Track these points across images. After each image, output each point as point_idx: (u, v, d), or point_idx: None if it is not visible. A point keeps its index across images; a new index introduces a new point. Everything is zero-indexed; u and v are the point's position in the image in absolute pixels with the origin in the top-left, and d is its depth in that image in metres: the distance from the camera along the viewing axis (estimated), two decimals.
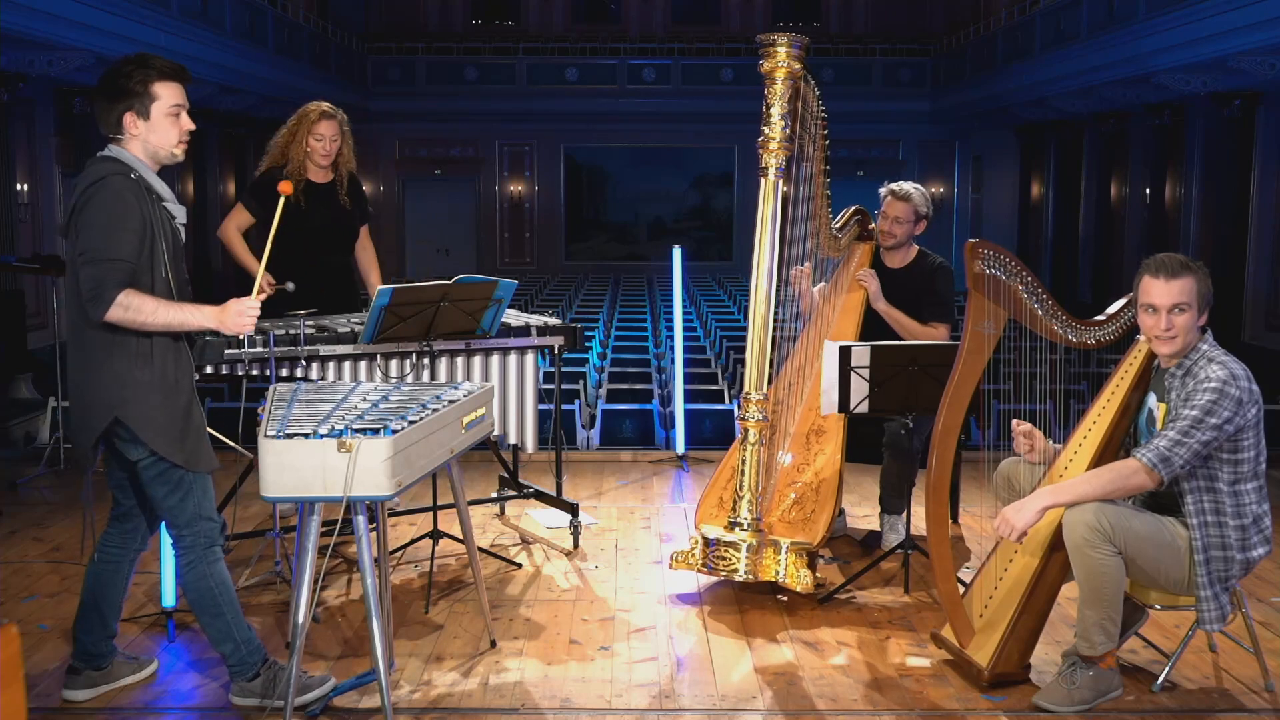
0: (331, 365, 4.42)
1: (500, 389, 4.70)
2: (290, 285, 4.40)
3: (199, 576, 3.31)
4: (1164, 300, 3.35)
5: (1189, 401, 3.30)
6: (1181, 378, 3.39)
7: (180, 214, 3.26)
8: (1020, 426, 3.71)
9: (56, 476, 6.09)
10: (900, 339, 4.74)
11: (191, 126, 3.27)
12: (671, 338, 7.92)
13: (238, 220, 5.02)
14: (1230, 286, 13.64)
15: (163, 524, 3.60)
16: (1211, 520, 3.36)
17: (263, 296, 3.46)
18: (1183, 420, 3.28)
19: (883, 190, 5.00)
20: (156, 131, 3.19)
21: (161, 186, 3.22)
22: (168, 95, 3.20)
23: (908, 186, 4.96)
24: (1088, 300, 17.40)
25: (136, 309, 3.07)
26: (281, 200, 3.51)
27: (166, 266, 3.18)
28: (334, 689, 3.39)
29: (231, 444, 4.08)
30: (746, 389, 4.31)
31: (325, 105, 4.95)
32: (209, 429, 3.39)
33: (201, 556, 3.30)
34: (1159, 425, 3.45)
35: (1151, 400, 3.54)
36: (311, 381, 4.24)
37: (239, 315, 3.21)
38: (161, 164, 3.25)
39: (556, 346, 4.84)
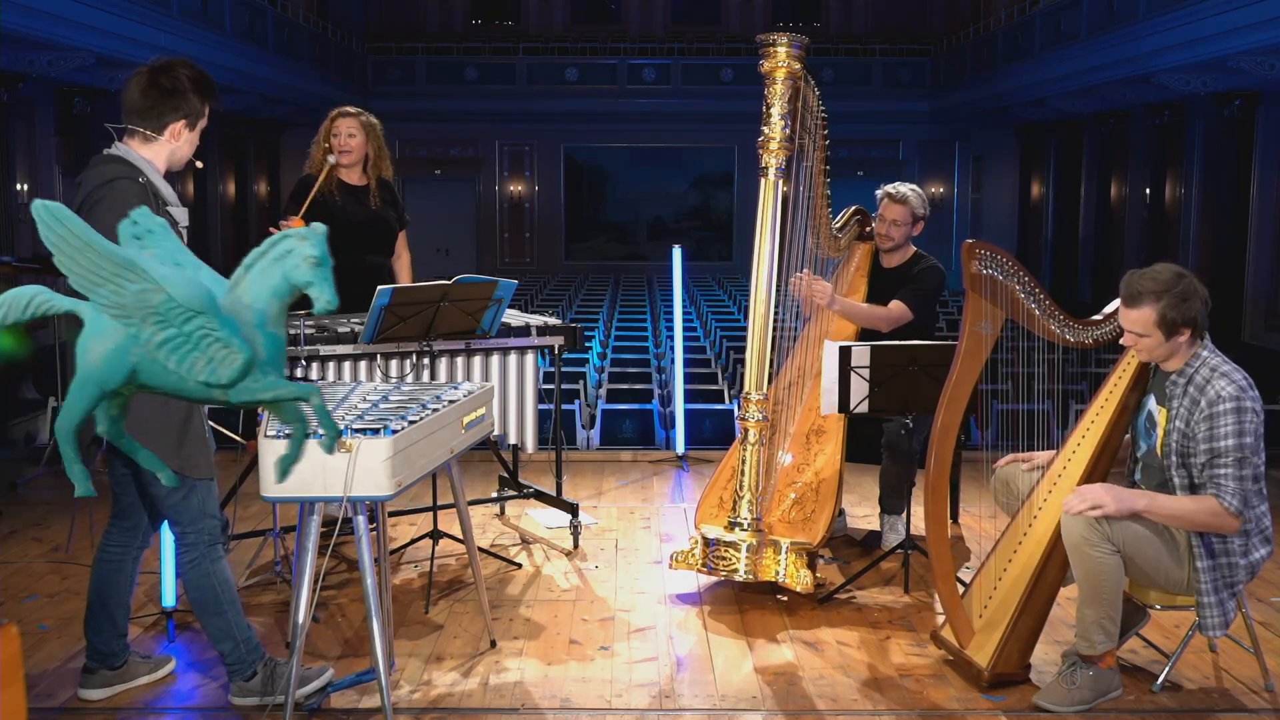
0: (331, 365, 4.43)
1: (500, 389, 4.71)
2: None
3: (201, 574, 3.30)
4: (1124, 324, 3.40)
5: (1214, 432, 3.26)
6: (1185, 386, 3.37)
7: (183, 217, 3.27)
8: (1004, 462, 3.76)
9: (56, 476, 6.08)
10: (881, 336, 4.72)
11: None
12: (671, 338, 7.92)
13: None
14: (1230, 286, 13.65)
15: (163, 524, 3.61)
16: None
17: None
18: (1229, 455, 3.25)
19: (879, 193, 4.99)
20: (189, 144, 3.30)
21: (167, 190, 3.23)
22: (207, 114, 3.31)
23: (904, 189, 4.95)
24: (1087, 300, 17.40)
25: None
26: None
27: None
28: (332, 681, 3.39)
29: (233, 435, 4.09)
30: (746, 389, 4.31)
31: (349, 108, 5.08)
32: (212, 423, 3.39)
33: (205, 554, 3.30)
34: (1159, 429, 3.45)
35: (1151, 403, 3.53)
36: (312, 381, 4.24)
37: None
38: (171, 169, 3.30)
39: (556, 346, 4.85)
